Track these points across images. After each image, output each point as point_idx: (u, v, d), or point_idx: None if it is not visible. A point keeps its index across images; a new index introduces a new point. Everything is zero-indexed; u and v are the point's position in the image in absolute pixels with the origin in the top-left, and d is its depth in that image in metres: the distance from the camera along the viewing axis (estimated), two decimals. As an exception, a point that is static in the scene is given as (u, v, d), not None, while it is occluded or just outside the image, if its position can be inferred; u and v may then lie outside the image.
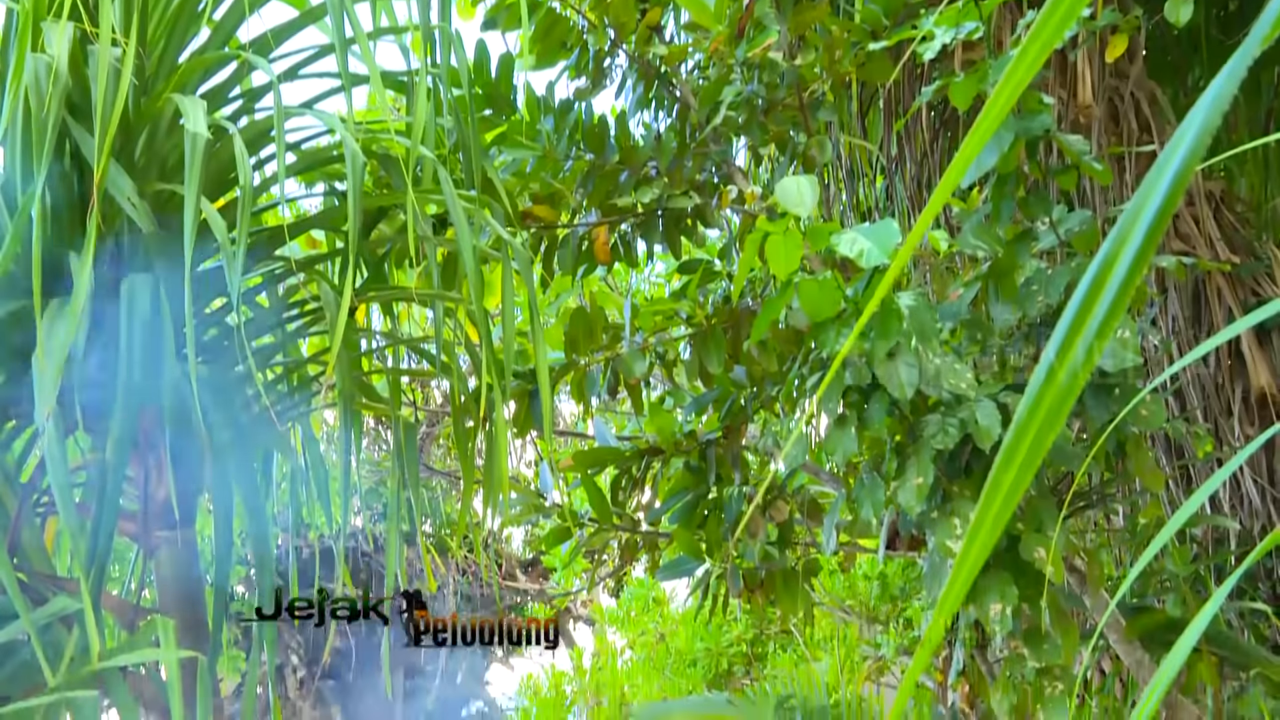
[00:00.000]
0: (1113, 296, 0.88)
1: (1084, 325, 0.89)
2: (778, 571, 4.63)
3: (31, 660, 2.58)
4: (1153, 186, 0.88)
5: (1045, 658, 3.44)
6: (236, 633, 12.60)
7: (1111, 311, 0.87)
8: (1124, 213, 0.89)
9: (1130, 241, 0.88)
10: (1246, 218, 5.09)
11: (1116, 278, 0.88)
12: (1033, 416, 0.90)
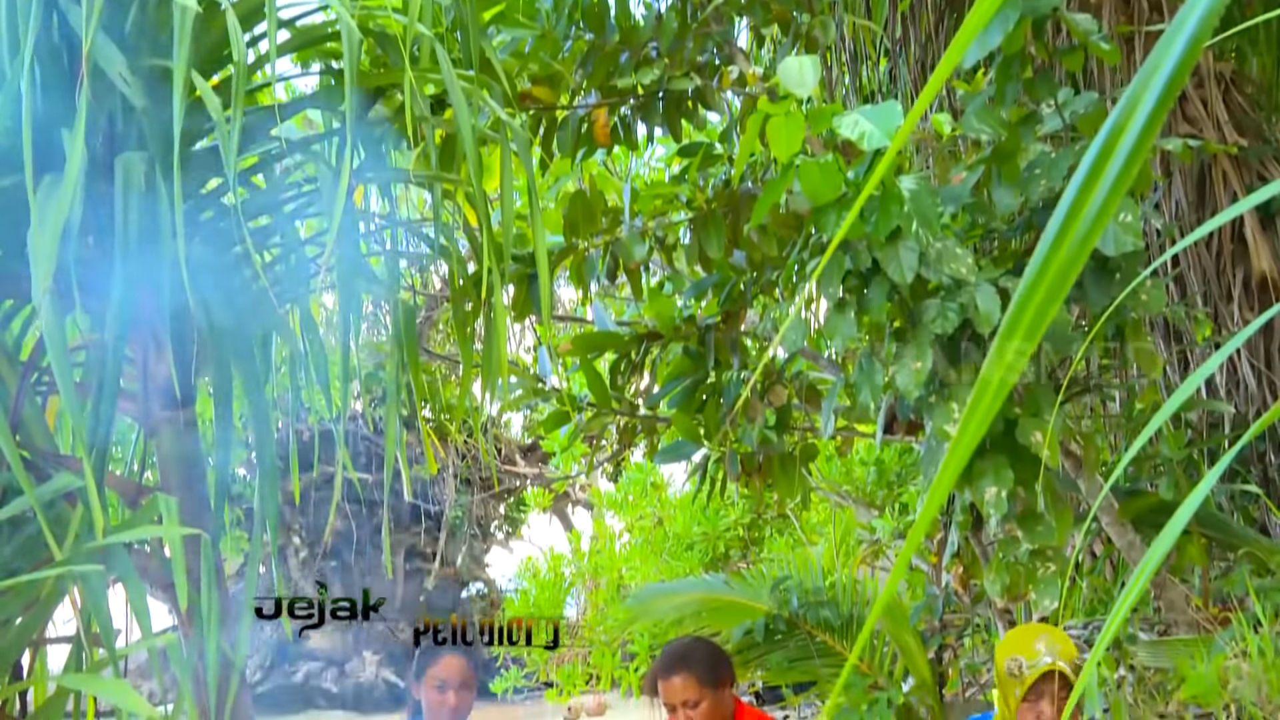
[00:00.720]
0: (1114, 178, 0.86)
1: (1084, 207, 0.87)
2: (775, 456, 4.66)
3: (37, 535, 2.60)
4: (1157, 65, 0.86)
5: (1039, 539, 3.48)
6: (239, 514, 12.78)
7: (1112, 193, 0.86)
8: (1127, 92, 0.87)
9: (1133, 122, 0.86)
10: (1257, 100, 5.02)
11: (1118, 159, 0.86)
12: (1030, 297, 0.89)
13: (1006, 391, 0.93)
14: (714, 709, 3.71)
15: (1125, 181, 0.86)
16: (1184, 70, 0.85)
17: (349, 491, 14.76)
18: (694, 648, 3.80)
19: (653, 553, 10.73)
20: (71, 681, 2.61)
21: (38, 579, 2.36)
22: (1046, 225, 0.89)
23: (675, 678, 3.71)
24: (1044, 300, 0.89)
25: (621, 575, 11.21)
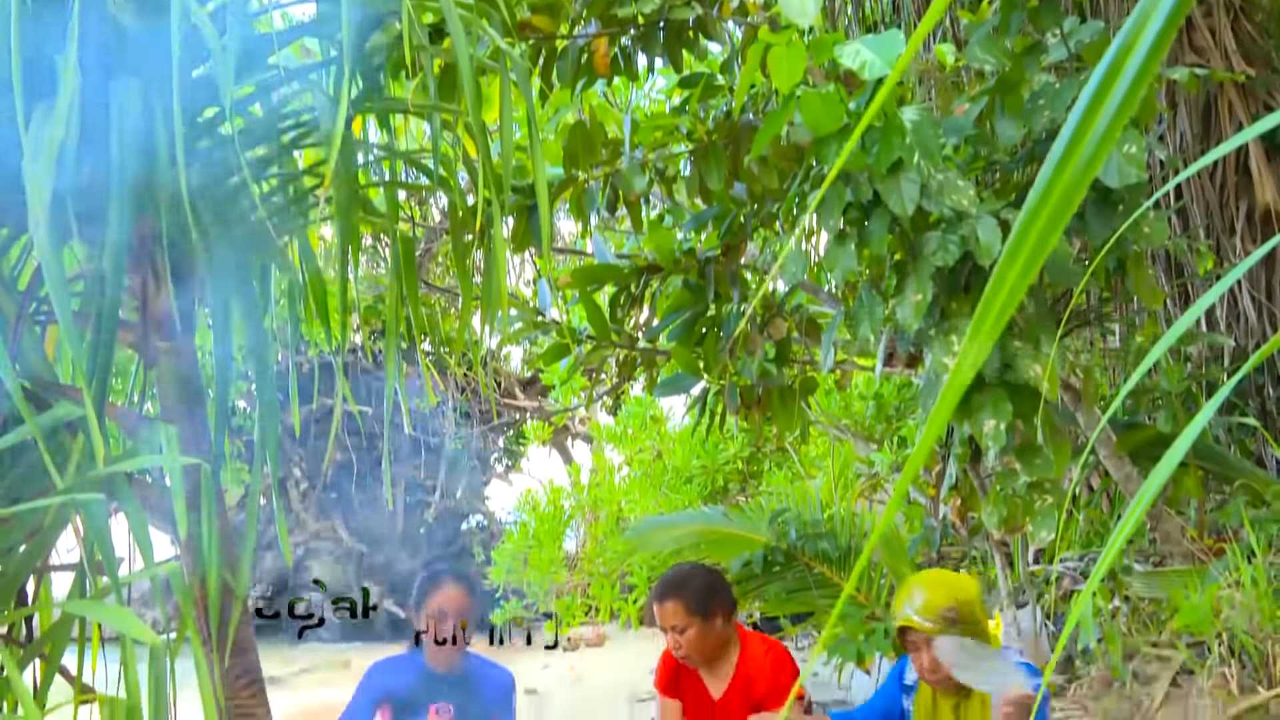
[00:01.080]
0: (1116, 106, 0.85)
1: (1086, 135, 0.86)
2: (775, 389, 4.67)
3: (39, 464, 2.61)
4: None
5: (1037, 472, 3.50)
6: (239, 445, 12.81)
7: (1115, 121, 0.85)
8: (1131, 18, 0.86)
9: (1137, 49, 0.85)
10: (1266, 28, 4.95)
11: (1121, 86, 0.85)
12: (1031, 226, 0.89)
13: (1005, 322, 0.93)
14: (702, 636, 3.75)
15: (1128, 109, 0.85)
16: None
17: (349, 424, 14.80)
18: (690, 576, 3.83)
19: (652, 486, 10.78)
20: (75, 608, 2.63)
21: (40, 507, 2.38)
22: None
23: (666, 603, 3.76)
24: (1044, 229, 0.88)
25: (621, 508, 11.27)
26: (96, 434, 2.39)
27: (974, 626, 3.08)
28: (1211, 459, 4.02)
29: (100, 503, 2.41)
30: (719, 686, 3.86)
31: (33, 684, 2.63)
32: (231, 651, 3.62)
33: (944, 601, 3.10)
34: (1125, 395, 4.46)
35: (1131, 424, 4.27)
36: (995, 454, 3.54)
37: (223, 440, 3.41)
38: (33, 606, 2.80)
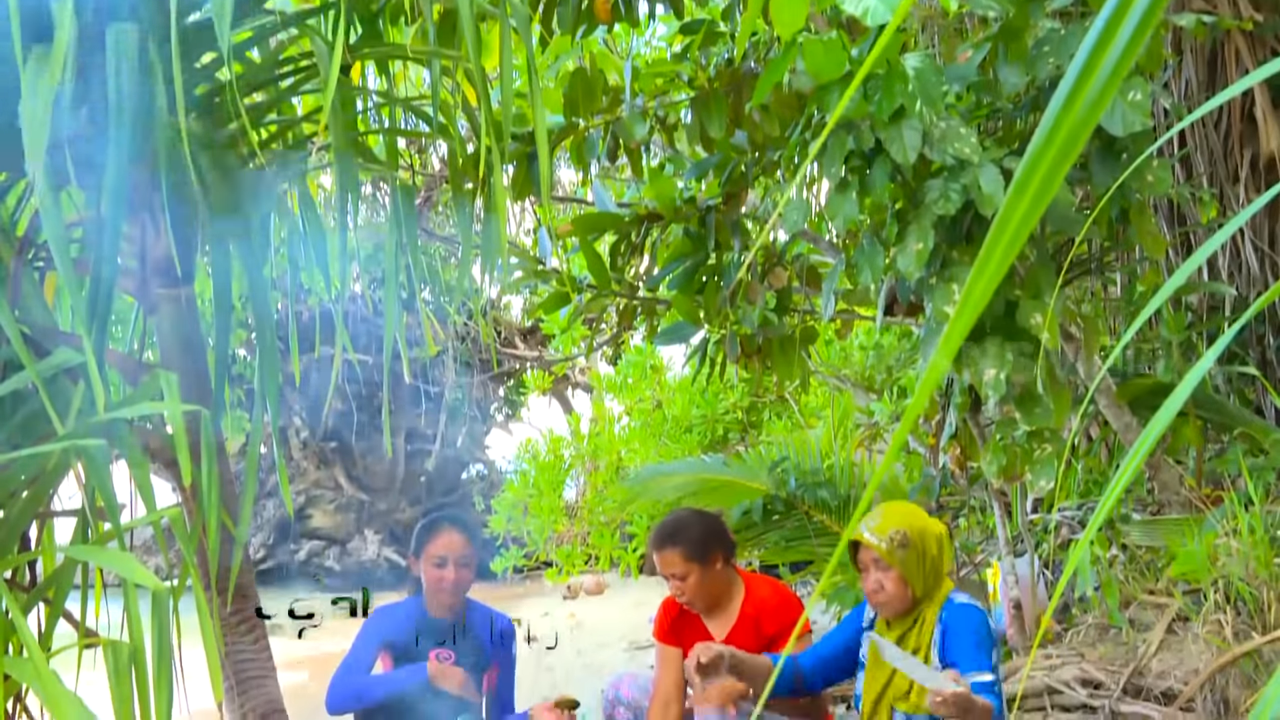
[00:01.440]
0: (1121, 50, 0.84)
1: (1089, 82, 0.85)
2: (775, 338, 4.67)
3: (40, 410, 2.61)
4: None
5: (1036, 421, 3.50)
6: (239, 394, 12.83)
7: (1119, 65, 0.84)
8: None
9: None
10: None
11: (1126, 29, 0.84)
12: (1032, 173, 0.88)
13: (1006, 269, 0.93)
14: (703, 582, 3.78)
15: (1132, 56, 0.84)
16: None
17: (349, 373, 14.81)
18: (686, 523, 3.85)
19: (651, 435, 10.80)
20: (78, 553, 2.64)
21: (41, 453, 2.38)
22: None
23: (664, 551, 3.78)
24: (1046, 177, 0.87)
25: (620, 457, 11.29)
26: (97, 380, 2.39)
27: (924, 557, 3.14)
28: (1211, 408, 4.02)
29: (101, 449, 2.42)
30: (722, 629, 3.89)
31: (37, 628, 2.65)
32: (233, 597, 3.65)
33: (897, 524, 3.15)
34: (1125, 345, 4.46)
35: (1132, 374, 4.27)
36: (995, 403, 3.55)
37: (223, 387, 3.42)
38: (35, 551, 2.82)
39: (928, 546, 3.14)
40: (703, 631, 3.92)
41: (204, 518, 2.95)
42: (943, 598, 3.18)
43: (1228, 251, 5.00)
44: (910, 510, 3.26)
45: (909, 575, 3.14)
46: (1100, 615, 3.99)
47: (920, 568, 3.14)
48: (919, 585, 3.15)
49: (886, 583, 3.17)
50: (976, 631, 3.06)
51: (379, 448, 17.64)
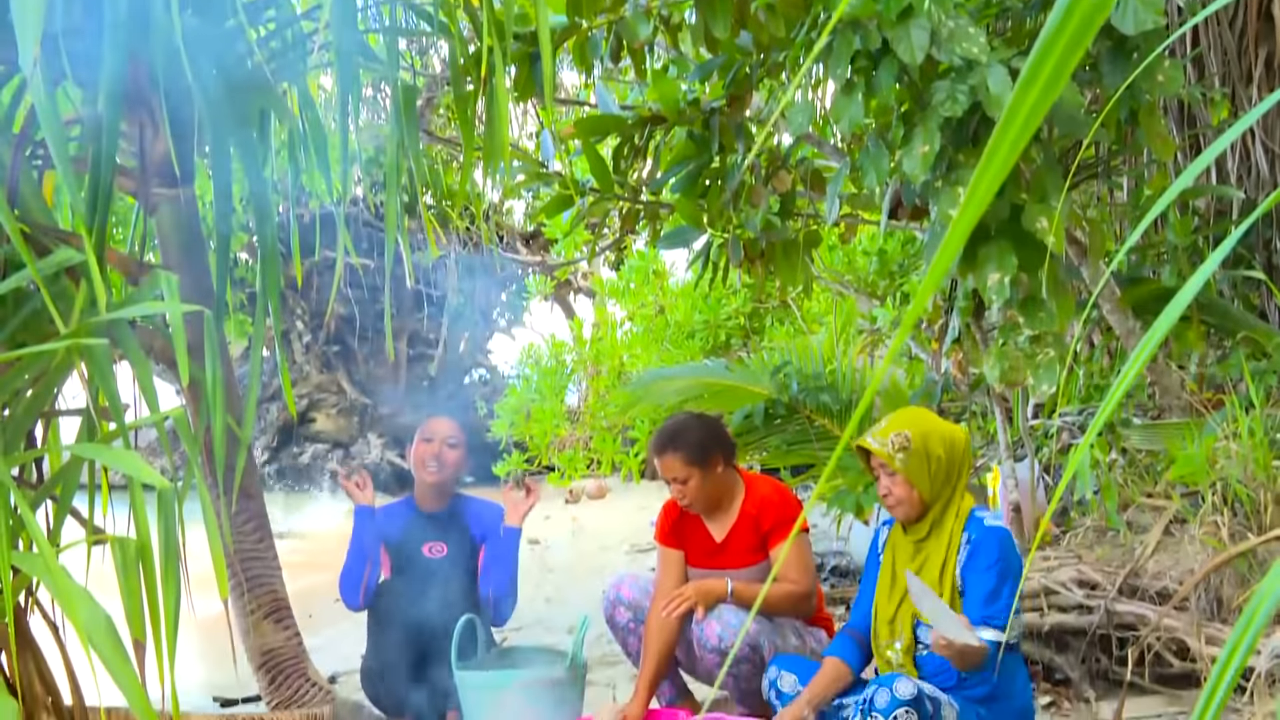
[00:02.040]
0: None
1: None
2: (778, 242, 4.65)
3: (42, 310, 2.61)
4: None
5: (1039, 325, 3.50)
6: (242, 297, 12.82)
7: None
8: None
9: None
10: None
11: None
12: (1038, 70, 0.86)
13: (1011, 168, 0.92)
14: (704, 484, 3.81)
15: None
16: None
17: (351, 277, 14.78)
18: (685, 427, 3.87)
19: (654, 341, 10.81)
20: (84, 451, 2.66)
21: (44, 351, 2.38)
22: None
23: (665, 456, 3.81)
24: (1052, 74, 0.86)
25: (623, 363, 11.32)
26: (98, 279, 2.39)
27: (928, 460, 3.13)
28: (1214, 313, 4.01)
29: (104, 348, 2.42)
30: (722, 529, 3.93)
31: (45, 525, 2.67)
32: (238, 497, 3.68)
33: (900, 428, 3.15)
34: (1130, 249, 4.43)
35: (1135, 278, 4.25)
36: (998, 307, 3.54)
37: (224, 289, 3.41)
38: (41, 449, 2.83)
39: (931, 449, 3.13)
40: (704, 533, 3.96)
41: (208, 418, 2.97)
42: (965, 511, 3.17)
43: (1237, 154, 4.94)
44: (917, 415, 3.24)
45: (913, 479, 3.14)
46: (1098, 518, 4.03)
47: (925, 471, 3.14)
48: (926, 489, 3.15)
49: (894, 487, 3.18)
50: (1004, 558, 3.04)
51: (382, 352, 17.68)
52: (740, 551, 3.89)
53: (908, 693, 2.91)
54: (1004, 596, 3.02)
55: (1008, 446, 4.48)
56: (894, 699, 2.90)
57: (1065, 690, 3.78)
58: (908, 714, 2.89)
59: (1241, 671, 1.02)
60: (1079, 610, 3.76)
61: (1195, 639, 3.33)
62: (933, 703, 2.96)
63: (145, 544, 2.40)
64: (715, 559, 3.93)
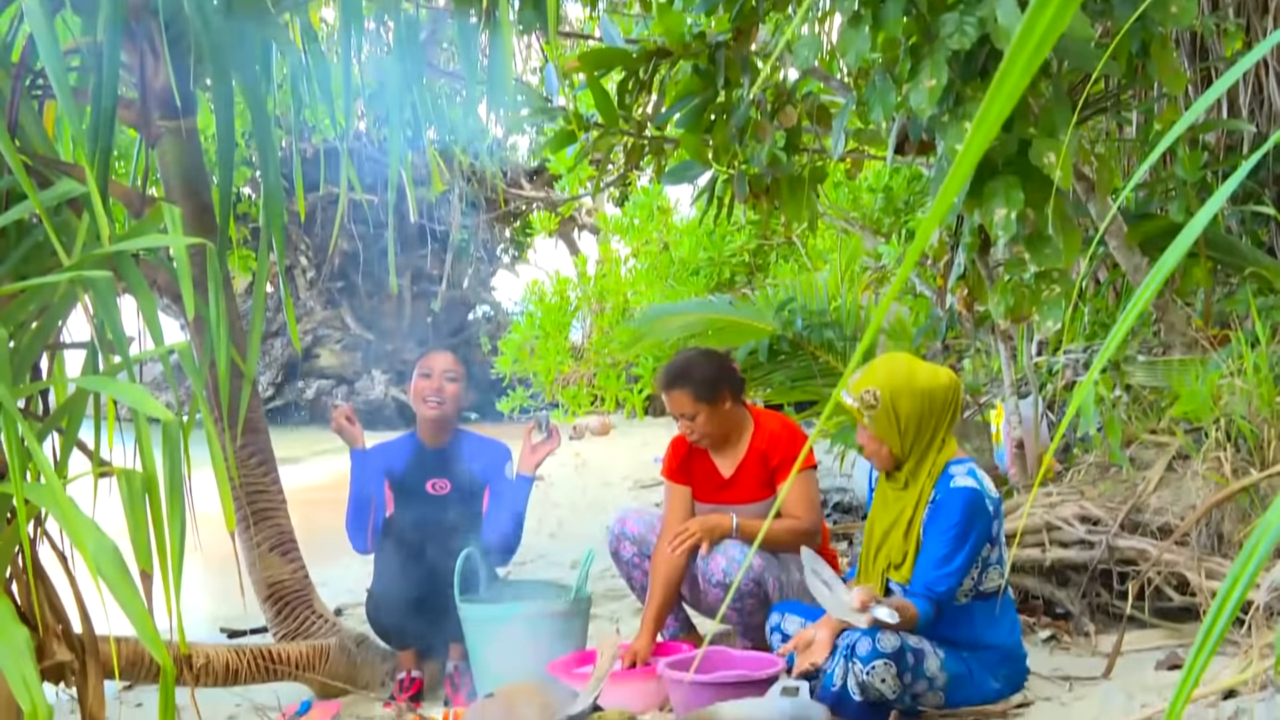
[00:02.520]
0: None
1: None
2: (784, 177, 4.62)
3: (45, 242, 2.60)
4: None
5: (1046, 261, 3.48)
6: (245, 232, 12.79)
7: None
8: None
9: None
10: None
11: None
12: (1047, 0, 0.85)
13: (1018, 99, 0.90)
14: (712, 420, 3.82)
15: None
16: None
17: (355, 213, 14.72)
18: (692, 364, 3.88)
19: (658, 278, 10.79)
20: (89, 383, 2.66)
21: (48, 283, 2.38)
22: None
23: (673, 392, 3.82)
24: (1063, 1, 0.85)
25: (627, 300, 11.31)
26: (100, 211, 2.38)
27: (895, 418, 3.11)
28: (1222, 249, 3.98)
29: (107, 280, 2.41)
30: (730, 465, 3.95)
31: (52, 457, 2.68)
32: (243, 431, 3.69)
33: (871, 383, 3.13)
34: (1138, 184, 4.40)
35: (1143, 214, 4.22)
36: (1005, 243, 3.52)
37: (227, 223, 3.40)
38: (47, 381, 2.84)
39: (899, 407, 3.10)
40: (711, 468, 3.97)
41: (212, 352, 2.97)
42: (939, 467, 3.15)
43: (1250, 87, 4.87)
44: (894, 369, 3.19)
45: (881, 435, 3.13)
46: (1101, 455, 4.03)
47: (892, 428, 3.12)
48: (895, 445, 3.14)
49: (864, 438, 3.21)
50: (965, 521, 3.02)
51: (385, 288, 17.66)
52: (748, 487, 3.91)
53: (890, 645, 2.92)
54: (956, 562, 3.02)
55: (1012, 383, 4.48)
56: (875, 649, 2.91)
57: (1065, 624, 3.81)
58: (886, 665, 2.91)
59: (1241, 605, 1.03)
60: (1080, 545, 3.78)
61: (1196, 573, 3.35)
62: (915, 654, 2.97)
63: (151, 477, 2.41)
64: (723, 494, 3.95)
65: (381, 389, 18.18)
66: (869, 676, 2.90)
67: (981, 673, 3.10)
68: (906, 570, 3.11)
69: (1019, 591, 3.94)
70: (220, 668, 3.68)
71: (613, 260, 11.88)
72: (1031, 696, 3.16)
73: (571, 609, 3.86)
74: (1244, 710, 2.50)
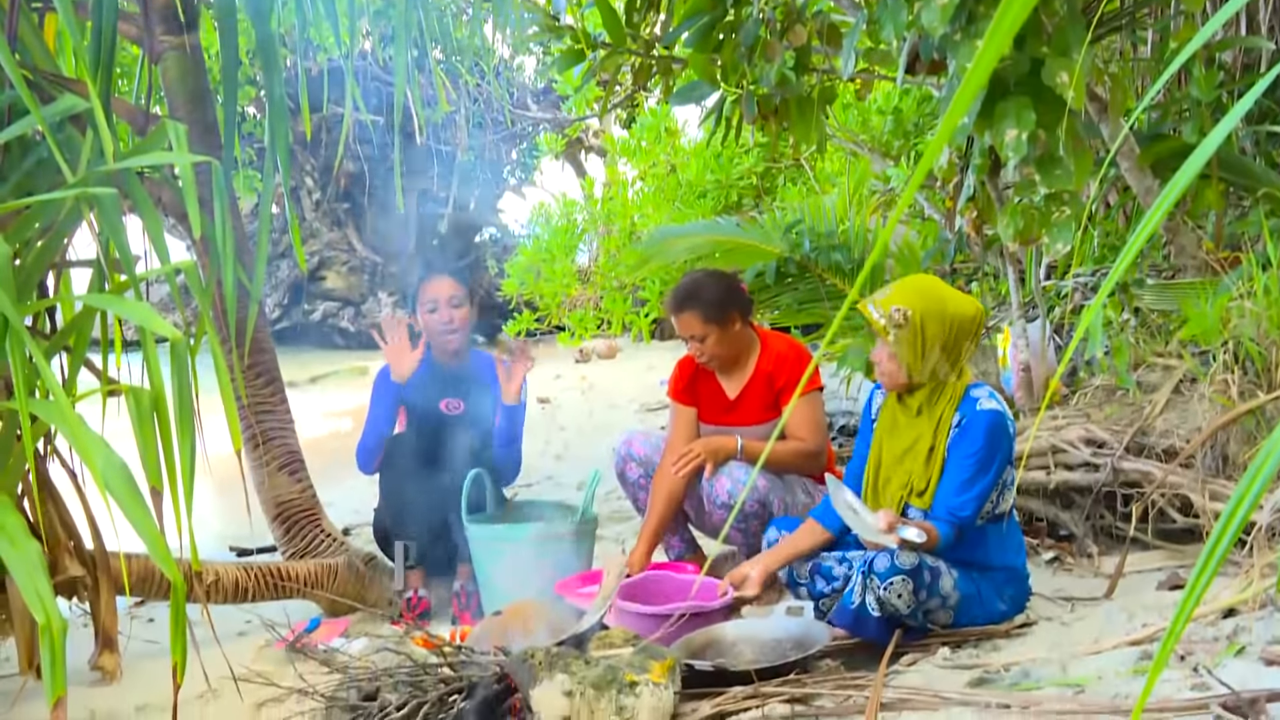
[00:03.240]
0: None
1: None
2: (793, 98, 4.57)
3: (49, 159, 2.59)
4: None
5: (1056, 183, 3.45)
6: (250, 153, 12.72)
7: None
8: None
9: None
10: None
11: None
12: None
13: (1028, 13, 0.89)
14: (721, 341, 3.83)
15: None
16: None
17: (361, 133, 14.63)
18: (702, 285, 3.86)
19: (665, 200, 10.72)
20: (96, 300, 2.66)
21: (53, 200, 2.37)
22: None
23: (683, 314, 3.82)
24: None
25: (634, 222, 11.24)
26: (104, 127, 2.36)
27: (921, 340, 3.07)
28: (1235, 170, 3.93)
29: (112, 198, 2.40)
30: (735, 386, 3.95)
31: (60, 375, 2.69)
32: (249, 350, 3.70)
33: (903, 302, 3.08)
34: (1151, 104, 4.35)
35: (1156, 135, 4.17)
36: (1015, 165, 3.49)
37: (232, 142, 3.38)
38: (54, 298, 2.84)
39: (928, 331, 3.06)
40: (717, 389, 3.98)
41: (218, 272, 2.96)
42: (959, 391, 3.12)
43: (1269, 2, 4.78)
44: (926, 290, 3.15)
45: (902, 356, 3.09)
46: (1108, 378, 4.03)
47: (916, 351, 3.08)
48: (915, 368, 3.10)
49: (883, 357, 3.15)
50: (989, 445, 3.02)
51: (392, 209, 17.60)
52: (753, 409, 3.92)
53: (908, 562, 2.94)
54: (978, 487, 3.02)
55: (1019, 307, 4.46)
56: (893, 565, 2.94)
57: (1069, 546, 3.83)
58: (904, 582, 2.94)
59: (1244, 526, 1.03)
60: (1085, 468, 3.79)
61: (1199, 495, 3.35)
62: (931, 572, 3.00)
63: (159, 395, 2.41)
64: (728, 415, 3.96)
65: (388, 311, 18.18)
66: (886, 592, 2.93)
67: (990, 593, 3.13)
68: (929, 497, 3.11)
69: (1023, 514, 3.96)
70: (230, 585, 3.72)
71: (619, 183, 11.78)
72: (1034, 617, 3.19)
73: (578, 530, 3.89)
74: (1243, 628, 2.51)
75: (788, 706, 2.53)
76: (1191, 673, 2.33)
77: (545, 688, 2.31)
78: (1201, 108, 3.86)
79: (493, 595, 3.79)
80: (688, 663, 2.77)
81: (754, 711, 2.50)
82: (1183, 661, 2.43)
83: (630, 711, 2.29)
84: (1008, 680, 2.62)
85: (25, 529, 2.18)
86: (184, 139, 2.68)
